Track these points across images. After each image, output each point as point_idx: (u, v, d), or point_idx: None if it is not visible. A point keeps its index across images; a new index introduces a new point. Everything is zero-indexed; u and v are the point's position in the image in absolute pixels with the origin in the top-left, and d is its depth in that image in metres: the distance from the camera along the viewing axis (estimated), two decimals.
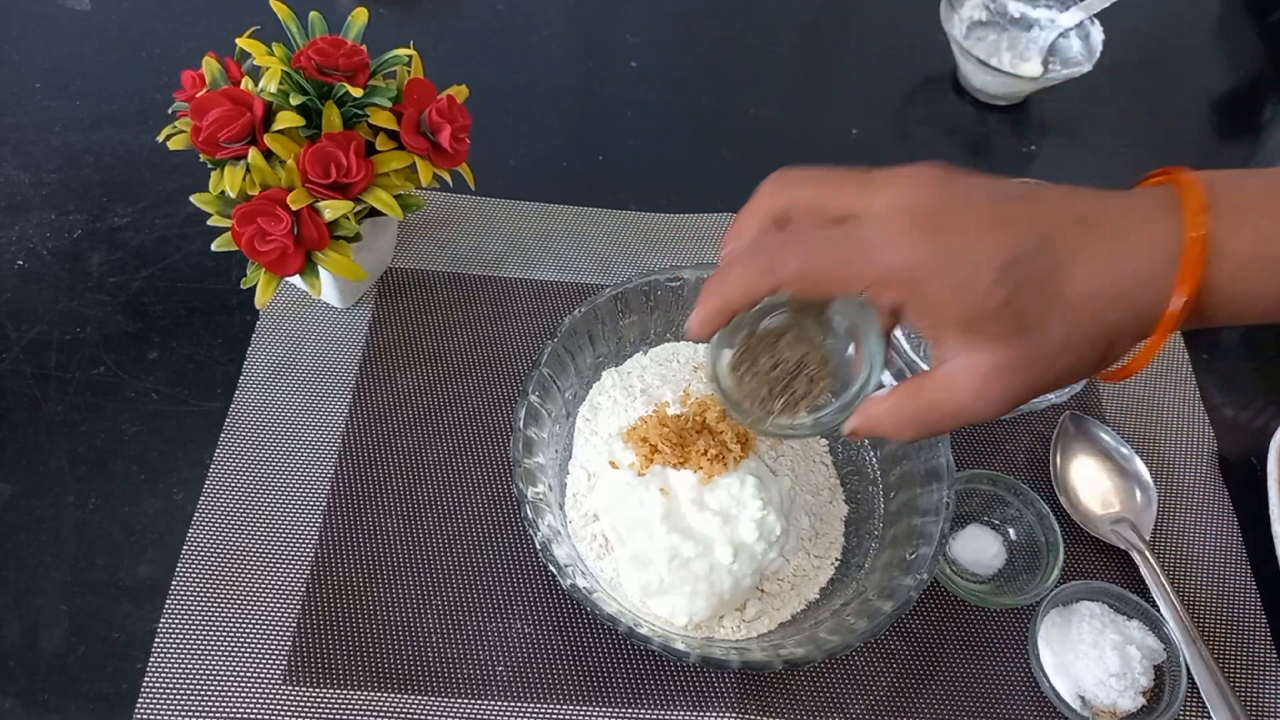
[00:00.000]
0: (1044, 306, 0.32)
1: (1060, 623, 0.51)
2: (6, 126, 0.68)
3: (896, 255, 0.32)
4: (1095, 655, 0.49)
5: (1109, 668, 0.48)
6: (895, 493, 0.52)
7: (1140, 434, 0.60)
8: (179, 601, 0.49)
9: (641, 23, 0.81)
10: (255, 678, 0.48)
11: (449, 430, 0.56)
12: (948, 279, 0.32)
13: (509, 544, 0.53)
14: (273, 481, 0.54)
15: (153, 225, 0.63)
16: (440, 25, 0.78)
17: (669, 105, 0.75)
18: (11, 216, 0.63)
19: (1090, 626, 0.50)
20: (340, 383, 0.58)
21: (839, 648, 0.44)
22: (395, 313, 0.61)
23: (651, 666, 0.50)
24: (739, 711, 0.49)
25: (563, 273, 0.64)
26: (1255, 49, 0.85)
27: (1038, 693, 0.50)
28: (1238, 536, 0.56)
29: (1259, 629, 0.53)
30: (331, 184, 0.49)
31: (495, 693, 0.48)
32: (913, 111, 0.78)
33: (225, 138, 0.49)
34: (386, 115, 0.51)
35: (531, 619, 0.51)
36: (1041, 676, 0.49)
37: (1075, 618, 0.51)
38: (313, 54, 0.50)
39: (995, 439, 0.59)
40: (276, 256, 0.48)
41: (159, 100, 0.69)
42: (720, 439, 0.51)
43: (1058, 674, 0.49)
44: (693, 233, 0.66)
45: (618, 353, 0.57)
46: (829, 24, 0.84)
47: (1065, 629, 0.50)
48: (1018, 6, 0.78)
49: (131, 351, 0.58)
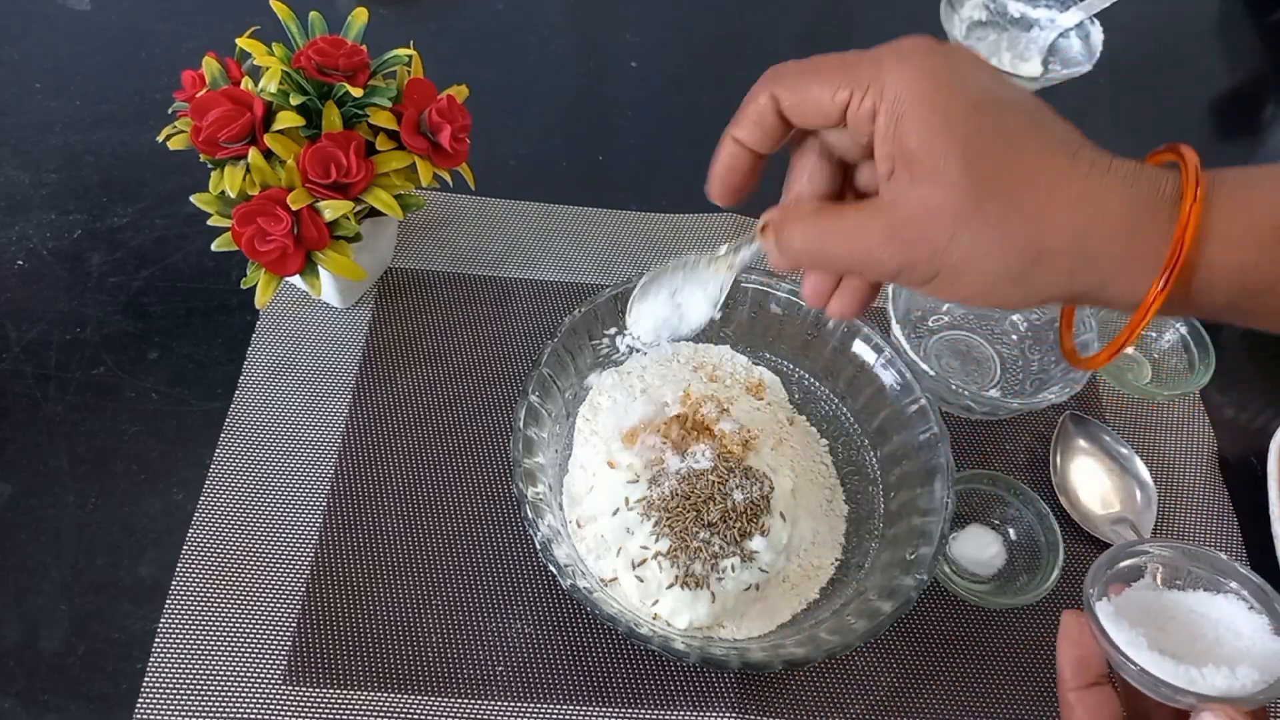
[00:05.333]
0: (1003, 174, 0.31)
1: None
2: (6, 126, 0.68)
3: (896, 74, 0.31)
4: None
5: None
6: (895, 493, 0.52)
7: (1140, 434, 0.60)
8: (179, 601, 0.49)
9: (641, 23, 0.81)
10: (255, 678, 0.48)
11: (449, 430, 0.56)
12: (924, 111, 0.31)
13: (509, 544, 0.53)
14: (273, 481, 0.54)
15: (153, 225, 0.63)
16: (440, 25, 0.78)
17: (669, 105, 0.75)
18: (11, 216, 0.63)
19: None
20: (340, 383, 0.57)
21: (839, 648, 0.44)
22: (395, 313, 0.61)
23: (651, 666, 0.50)
24: (739, 711, 0.49)
25: (563, 273, 0.64)
26: (1255, 49, 0.85)
27: (1037, 692, 0.50)
28: (1238, 537, 0.56)
29: None
30: (331, 184, 0.49)
31: (495, 693, 0.48)
32: None
33: (225, 138, 0.49)
34: (386, 115, 0.51)
35: (531, 619, 0.51)
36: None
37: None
38: (313, 54, 0.50)
39: (995, 439, 0.59)
40: (276, 256, 0.49)
41: (159, 100, 0.69)
42: (721, 440, 0.51)
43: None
44: (692, 233, 0.66)
45: None
46: (829, 24, 0.84)
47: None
48: (1018, 6, 0.78)
49: (131, 351, 0.58)
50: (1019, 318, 0.62)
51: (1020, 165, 0.31)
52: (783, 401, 0.58)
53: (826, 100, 0.32)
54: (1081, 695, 0.35)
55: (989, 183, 0.30)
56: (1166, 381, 0.61)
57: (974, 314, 0.63)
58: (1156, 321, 0.62)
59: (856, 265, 0.34)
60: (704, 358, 0.58)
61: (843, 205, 0.35)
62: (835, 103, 0.32)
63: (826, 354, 0.56)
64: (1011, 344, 0.62)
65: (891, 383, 0.53)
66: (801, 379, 0.58)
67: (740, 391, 0.56)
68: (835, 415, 0.57)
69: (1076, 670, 0.35)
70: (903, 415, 0.52)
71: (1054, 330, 0.59)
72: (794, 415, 0.57)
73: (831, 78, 0.32)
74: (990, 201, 0.30)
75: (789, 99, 0.34)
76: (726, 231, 0.66)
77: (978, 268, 0.31)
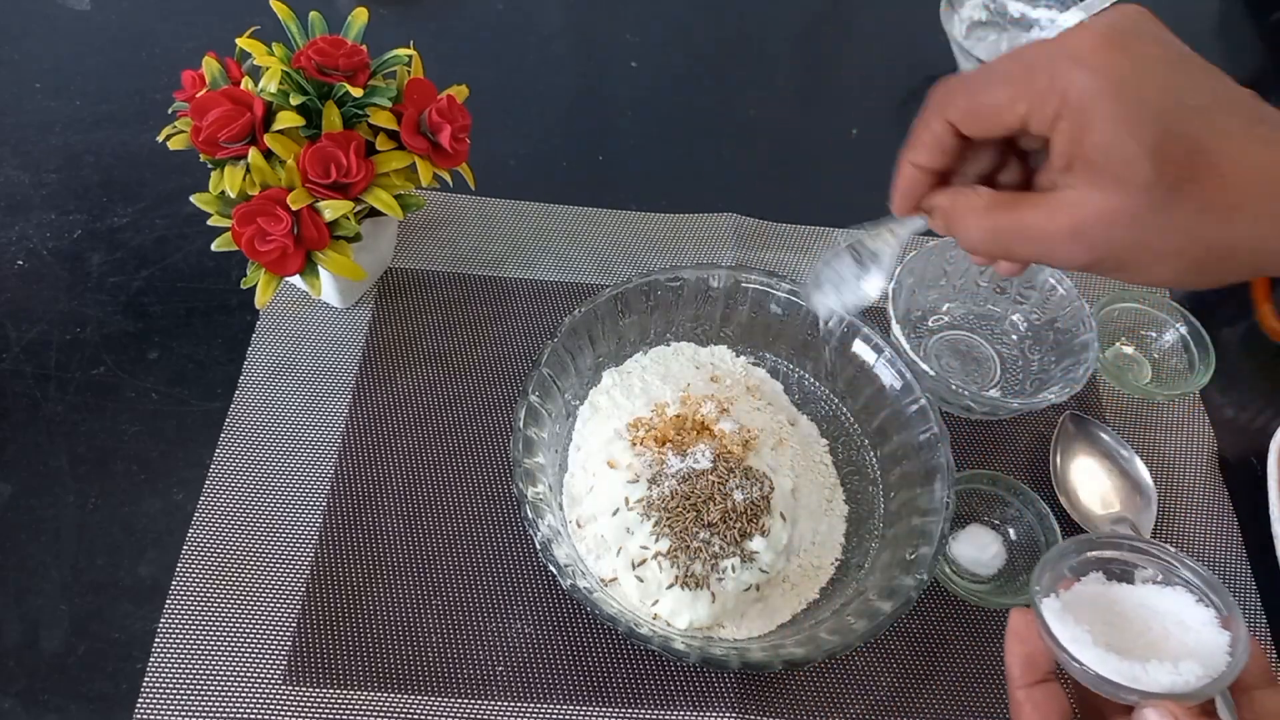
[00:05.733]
0: (1190, 176, 0.31)
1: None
2: (6, 126, 0.68)
3: (1075, 80, 0.31)
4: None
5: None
6: (895, 493, 0.52)
7: (1140, 434, 0.60)
8: (179, 601, 0.49)
9: (641, 23, 0.81)
10: (255, 678, 0.48)
11: (449, 430, 0.56)
12: (1108, 116, 0.31)
13: (509, 544, 0.53)
14: (273, 481, 0.54)
15: (153, 225, 0.63)
16: (440, 25, 0.78)
17: (669, 105, 0.75)
18: (11, 216, 0.63)
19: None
20: (340, 383, 0.57)
21: (839, 648, 0.44)
22: (395, 313, 0.61)
23: (651, 666, 0.50)
24: (739, 711, 0.49)
25: (563, 273, 0.64)
26: (1255, 49, 0.85)
27: None
28: (1238, 536, 0.56)
29: (1259, 629, 0.53)
30: (331, 184, 0.49)
31: (495, 693, 0.48)
32: (913, 111, 0.77)
33: (225, 138, 0.49)
34: (386, 115, 0.51)
35: (531, 619, 0.51)
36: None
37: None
38: (313, 54, 0.50)
39: (995, 439, 0.59)
40: (276, 256, 0.48)
41: (159, 100, 0.69)
42: (721, 440, 0.51)
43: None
44: (692, 233, 0.66)
45: (618, 353, 0.57)
46: (829, 24, 0.84)
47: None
48: (1018, 6, 0.78)
49: (131, 351, 0.58)
50: (1019, 317, 0.62)
51: (1206, 161, 0.31)
52: (783, 402, 0.58)
53: (1006, 115, 0.33)
54: (1030, 693, 0.35)
55: (1177, 185, 0.31)
56: (1166, 381, 0.61)
57: (974, 314, 0.63)
58: (1157, 320, 0.62)
59: (1039, 259, 0.35)
60: (704, 358, 0.58)
61: (1019, 199, 0.34)
62: (1014, 115, 0.32)
63: (826, 354, 0.56)
64: (1011, 344, 0.62)
65: (891, 383, 0.53)
66: (801, 379, 0.58)
67: (740, 391, 0.56)
68: (835, 415, 0.57)
69: (1025, 668, 0.35)
70: (903, 415, 0.52)
71: (1054, 330, 0.59)
72: (794, 415, 0.57)
73: (1008, 92, 0.32)
74: (1178, 205, 0.31)
75: (966, 121, 0.34)
76: (727, 231, 0.66)
77: (1166, 265, 0.32)
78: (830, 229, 0.66)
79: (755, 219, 0.67)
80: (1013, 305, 0.62)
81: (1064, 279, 0.58)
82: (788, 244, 0.66)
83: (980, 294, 0.62)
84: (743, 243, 0.66)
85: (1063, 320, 0.59)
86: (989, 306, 0.63)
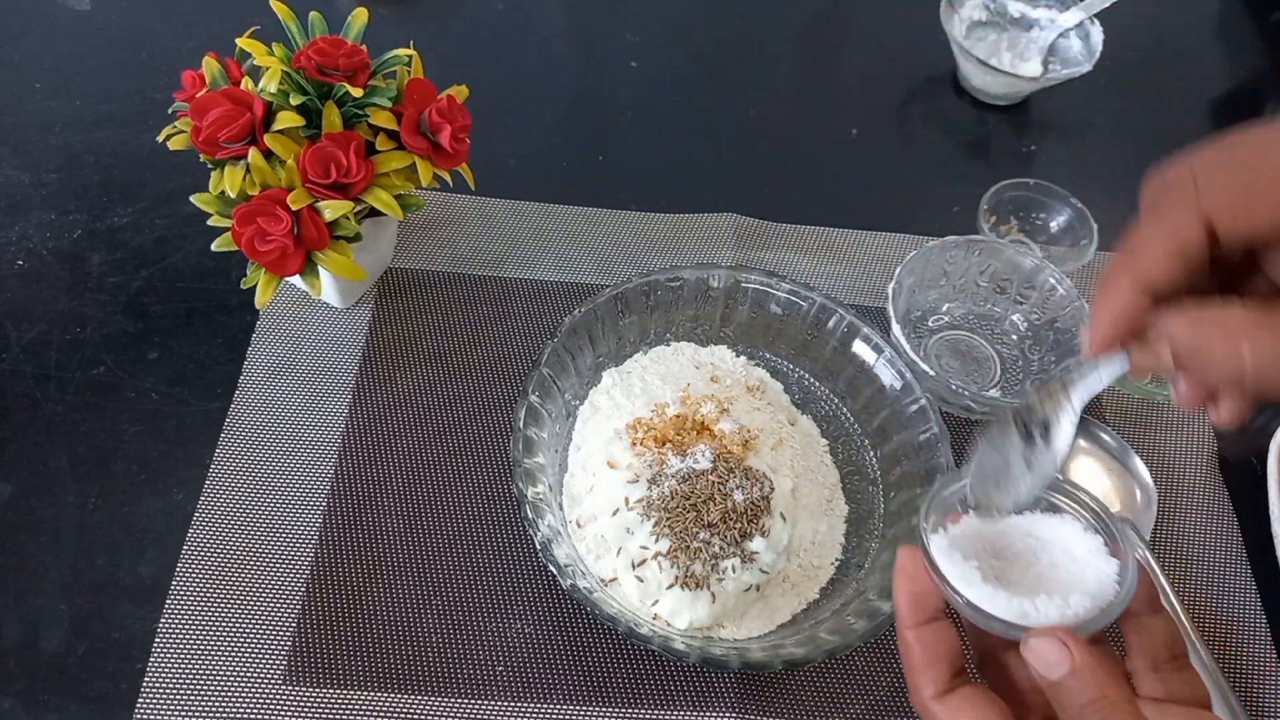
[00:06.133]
0: None
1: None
2: (6, 126, 0.68)
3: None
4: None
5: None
6: (895, 493, 0.52)
7: (1140, 434, 0.60)
8: (179, 601, 0.49)
9: (641, 23, 0.81)
10: (255, 678, 0.48)
11: (449, 430, 0.56)
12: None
13: (509, 544, 0.53)
14: (273, 481, 0.54)
15: (153, 225, 0.63)
16: (440, 25, 0.78)
17: (669, 105, 0.75)
18: (11, 216, 0.63)
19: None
20: (340, 383, 0.57)
21: (839, 648, 0.44)
22: (395, 313, 0.61)
23: (651, 666, 0.50)
24: (739, 711, 0.49)
25: (563, 273, 0.64)
26: (1255, 49, 0.85)
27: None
28: (1238, 536, 0.56)
29: (1259, 629, 0.53)
30: (331, 184, 0.49)
31: (495, 693, 0.48)
32: (913, 111, 0.78)
33: (225, 138, 0.49)
34: (386, 115, 0.51)
35: (531, 619, 0.51)
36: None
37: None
38: (313, 54, 0.50)
39: None
40: (276, 256, 0.48)
41: (159, 100, 0.69)
42: (721, 440, 0.51)
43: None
44: (692, 233, 0.66)
45: (618, 353, 0.57)
46: (829, 24, 0.84)
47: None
48: (1018, 6, 0.78)
49: (131, 351, 0.58)
50: (1019, 318, 0.62)
51: None
52: (783, 402, 0.58)
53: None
54: (919, 632, 0.32)
55: None
56: (1167, 382, 0.61)
57: (974, 314, 0.63)
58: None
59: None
60: (704, 358, 0.58)
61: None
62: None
63: (826, 354, 0.56)
64: (1011, 344, 0.62)
65: (891, 383, 0.53)
66: (801, 379, 0.58)
67: (740, 391, 0.56)
68: (835, 415, 0.57)
69: (913, 607, 0.33)
70: (903, 415, 0.52)
71: (1054, 330, 0.59)
72: (794, 415, 0.57)
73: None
74: None
75: (1238, 212, 0.26)
76: (727, 231, 0.66)
77: None
78: (830, 229, 0.66)
79: (755, 219, 0.67)
80: (1013, 305, 0.62)
81: (1064, 279, 0.58)
82: (788, 244, 0.66)
83: (980, 294, 0.62)
84: (743, 243, 0.66)
85: (1063, 320, 0.59)
86: (989, 306, 0.63)
